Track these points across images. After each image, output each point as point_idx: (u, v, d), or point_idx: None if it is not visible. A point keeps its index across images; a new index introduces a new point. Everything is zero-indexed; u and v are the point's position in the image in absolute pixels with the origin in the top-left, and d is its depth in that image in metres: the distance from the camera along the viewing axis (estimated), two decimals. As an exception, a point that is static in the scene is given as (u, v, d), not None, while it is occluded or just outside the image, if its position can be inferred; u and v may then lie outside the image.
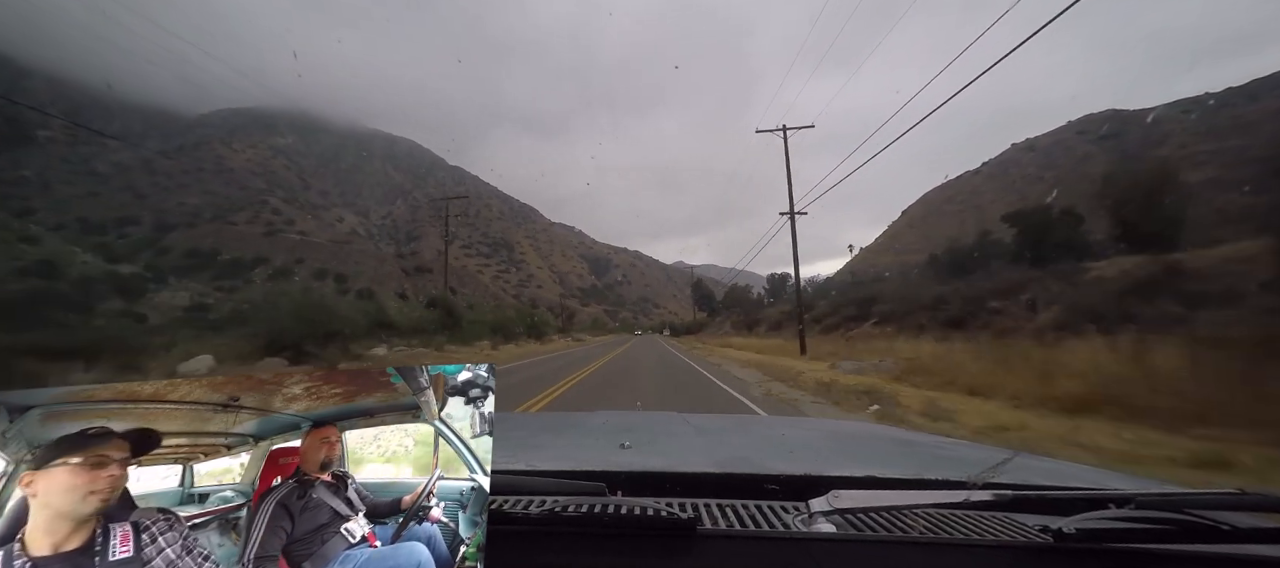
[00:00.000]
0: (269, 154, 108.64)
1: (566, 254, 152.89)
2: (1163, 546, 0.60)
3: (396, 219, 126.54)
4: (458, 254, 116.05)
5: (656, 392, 9.91)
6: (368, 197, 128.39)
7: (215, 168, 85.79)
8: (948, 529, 0.68)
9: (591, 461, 0.99)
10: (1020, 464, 1.00)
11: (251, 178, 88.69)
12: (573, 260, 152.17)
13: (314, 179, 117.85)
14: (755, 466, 0.95)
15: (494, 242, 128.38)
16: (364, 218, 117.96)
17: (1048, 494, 0.77)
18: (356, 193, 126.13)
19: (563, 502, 0.68)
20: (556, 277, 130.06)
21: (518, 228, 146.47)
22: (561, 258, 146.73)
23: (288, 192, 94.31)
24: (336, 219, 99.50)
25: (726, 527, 0.69)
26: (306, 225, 74.05)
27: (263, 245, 58.71)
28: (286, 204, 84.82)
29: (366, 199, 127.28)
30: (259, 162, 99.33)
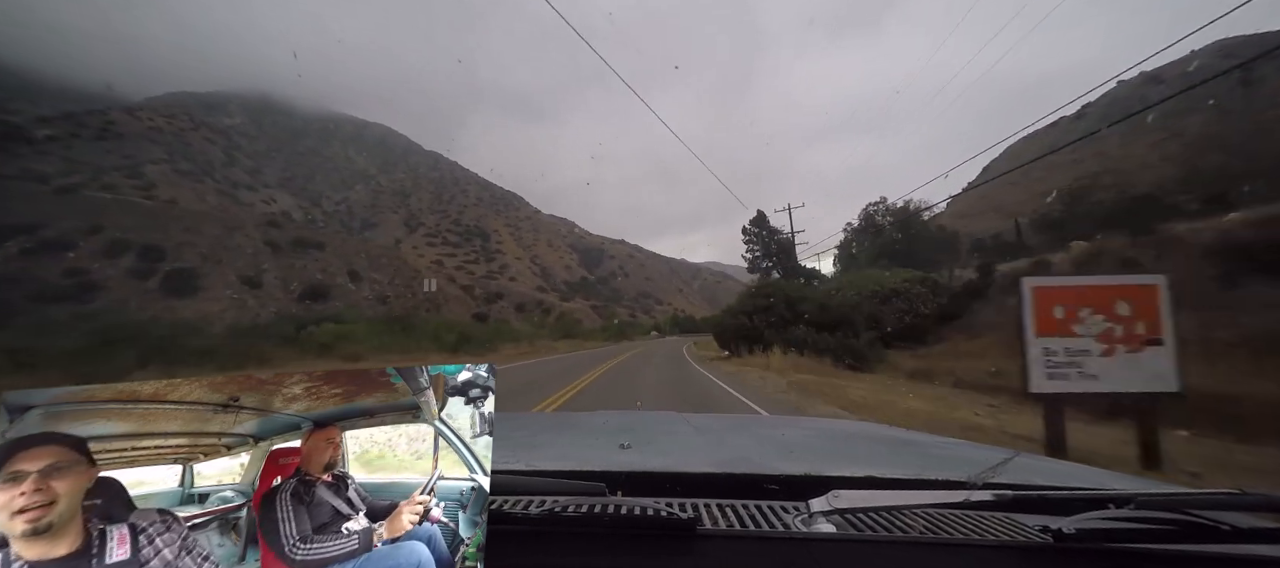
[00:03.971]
0: (207, 134, 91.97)
1: (554, 245, 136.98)
2: (1163, 546, 0.60)
3: (352, 205, 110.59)
4: (418, 242, 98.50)
5: None
6: (321, 181, 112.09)
7: (129, 141, 68.69)
8: (948, 529, 0.68)
9: (591, 460, 0.98)
10: (1020, 464, 1.00)
11: (165, 154, 71.54)
12: (561, 251, 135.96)
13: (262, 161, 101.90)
14: (755, 466, 0.94)
15: (466, 230, 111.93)
16: (313, 203, 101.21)
17: (1048, 494, 0.76)
18: (309, 177, 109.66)
19: (563, 502, 0.69)
20: (538, 269, 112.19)
21: (497, 216, 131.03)
22: (547, 249, 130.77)
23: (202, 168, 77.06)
24: (265, 201, 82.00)
25: (726, 527, 0.68)
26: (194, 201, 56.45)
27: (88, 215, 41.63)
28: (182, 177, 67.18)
29: (320, 184, 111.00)
30: (187, 140, 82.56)
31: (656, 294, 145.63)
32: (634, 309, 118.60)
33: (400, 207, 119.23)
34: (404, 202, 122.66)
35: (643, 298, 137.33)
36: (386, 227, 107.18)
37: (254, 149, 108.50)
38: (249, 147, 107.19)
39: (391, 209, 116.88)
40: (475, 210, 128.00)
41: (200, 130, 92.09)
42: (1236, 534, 0.62)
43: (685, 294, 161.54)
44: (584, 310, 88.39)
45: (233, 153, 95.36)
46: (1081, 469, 1.10)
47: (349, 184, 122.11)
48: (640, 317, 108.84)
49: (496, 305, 67.85)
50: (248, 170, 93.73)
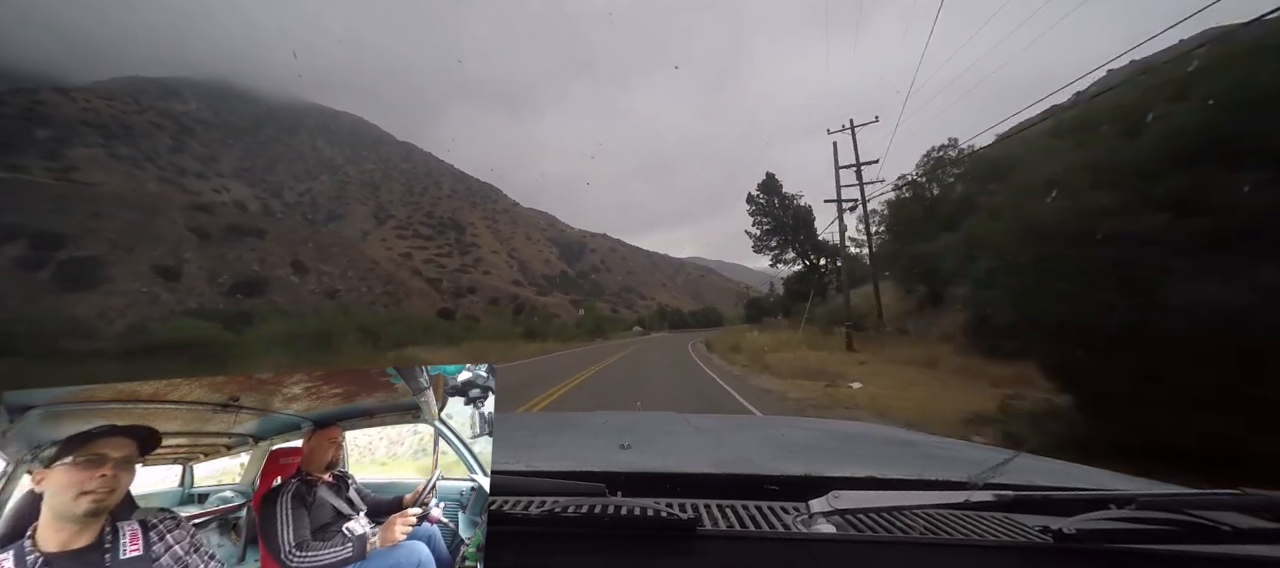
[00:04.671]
0: (155, 118, 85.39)
1: (532, 238, 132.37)
2: (1163, 546, 0.60)
3: (316, 195, 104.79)
4: (387, 234, 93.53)
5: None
6: (284, 171, 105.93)
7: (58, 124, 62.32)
8: (948, 530, 0.68)
9: (592, 461, 0.98)
10: (1021, 464, 1.00)
11: (101, 139, 65.37)
12: (540, 245, 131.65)
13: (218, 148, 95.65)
14: (755, 466, 0.95)
15: (440, 222, 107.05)
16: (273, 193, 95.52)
17: (1048, 495, 0.76)
18: (269, 167, 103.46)
19: (563, 502, 0.69)
20: (515, 262, 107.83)
21: (474, 208, 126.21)
22: (525, 242, 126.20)
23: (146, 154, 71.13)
24: (216, 190, 76.28)
25: (727, 527, 0.69)
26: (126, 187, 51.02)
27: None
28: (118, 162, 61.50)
29: (282, 174, 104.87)
30: (130, 123, 76.13)
31: (640, 289, 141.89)
32: (616, 304, 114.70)
33: (369, 198, 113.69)
34: (373, 193, 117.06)
35: (625, 292, 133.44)
36: (353, 218, 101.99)
37: (210, 136, 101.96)
38: (204, 134, 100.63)
39: (359, 201, 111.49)
40: (450, 202, 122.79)
41: (147, 114, 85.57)
42: (1237, 535, 0.62)
43: (669, 289, 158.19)
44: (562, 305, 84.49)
45: (183, 139, 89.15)
46: (1082, 470, 1.10)
47: (314, 174, 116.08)
48: (623, 311, 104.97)
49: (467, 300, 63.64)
50: (199, 158, 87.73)
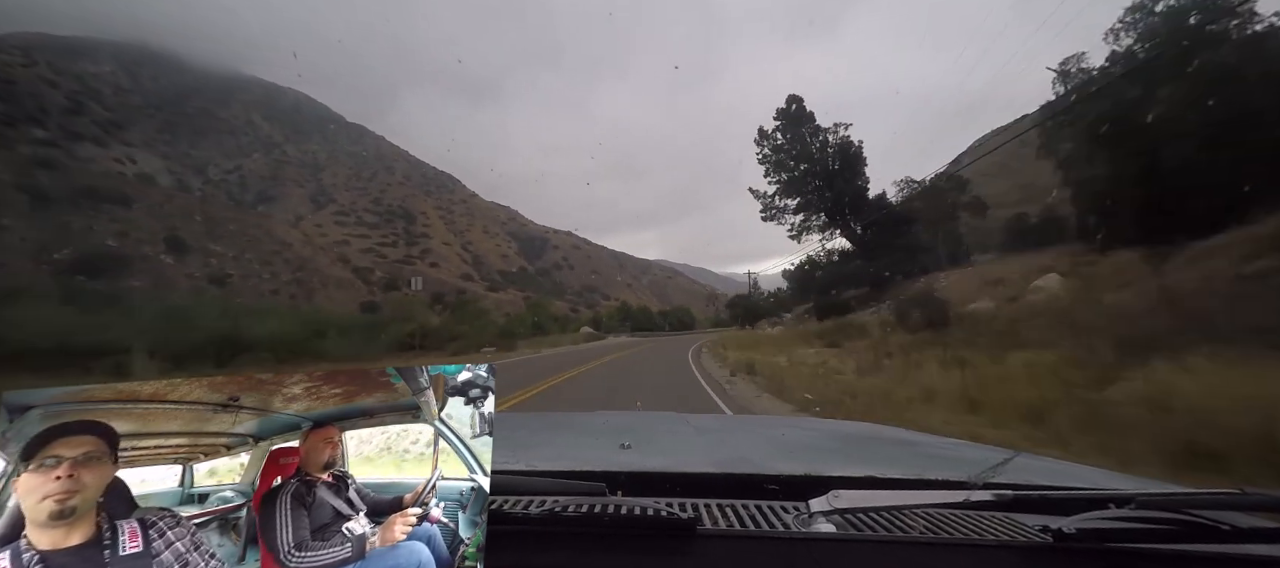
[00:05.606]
0: (49, 75, 74.11)
1: (491, 232, 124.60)
2: (1163, 546, 0.60)
3: (247, 175, 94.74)
4: (324, 219, 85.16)
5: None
6: (211, 147, 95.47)
7: None
8: (948, 529, 0.68)
9: (591, 461, 0.99)
10: (1020, 464, 1.00)
11: None
12: (498, 239, 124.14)
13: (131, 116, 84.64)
14: (755, 466, 0.95)
15: (388, 210, 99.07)
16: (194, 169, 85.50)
17: (1048, 494, 0.76)
18: (193, 140, 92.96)
19: (563, 502, 0.69)
20: (469, 256, 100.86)
21: (427, 197, 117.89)
22: (482, 235, 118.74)
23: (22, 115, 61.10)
24: (117, 159, 66.58)
25: (726, 527, 0.69)
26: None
27: None
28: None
29: (209, 149, 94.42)
30: (12, 77, 65.36)
31: (603, 288, 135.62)
32: (577, 303, 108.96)
33: (308, 180, 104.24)
34: (314, 175, 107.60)
35: (588, 291, 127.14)
36: (288, 201, 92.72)
37: (122, 103, 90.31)
38: (114, 99, 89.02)
39: (297, 183, 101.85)
40: (402, 190, 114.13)
41: (36, 69, 74.39)
42: (1237, 534, 0.61)
43: (634, 289, 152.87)
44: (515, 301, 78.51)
45: (83, 101, 77.72)
46: (1082, 469, 1.09)
47: (246, 151, 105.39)
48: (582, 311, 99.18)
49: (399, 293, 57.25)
50: (101, 123, 76.28)
